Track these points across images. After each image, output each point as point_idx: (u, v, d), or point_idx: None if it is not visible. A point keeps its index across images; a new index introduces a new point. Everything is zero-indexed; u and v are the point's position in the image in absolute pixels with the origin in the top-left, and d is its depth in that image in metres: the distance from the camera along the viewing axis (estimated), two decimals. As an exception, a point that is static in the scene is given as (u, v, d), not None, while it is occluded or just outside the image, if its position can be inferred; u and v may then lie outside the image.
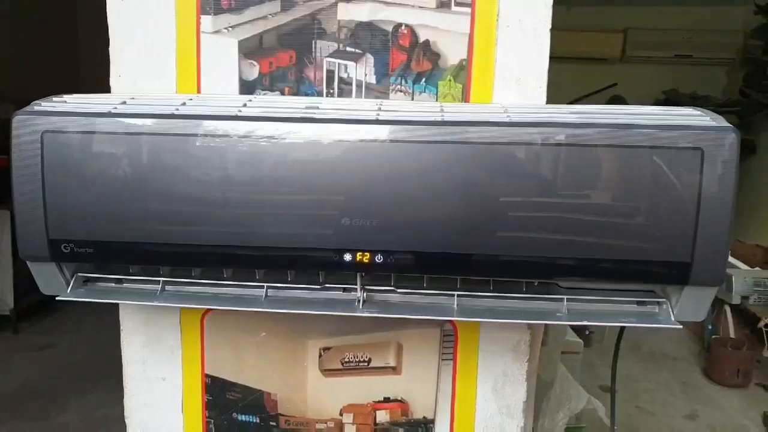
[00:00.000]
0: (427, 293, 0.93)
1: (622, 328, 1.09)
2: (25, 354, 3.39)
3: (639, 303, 0.92)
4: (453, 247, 0.86)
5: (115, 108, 0.87)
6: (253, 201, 0.88)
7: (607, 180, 0.83)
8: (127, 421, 1.15)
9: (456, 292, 0.92)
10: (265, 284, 0.95)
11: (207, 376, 1.12)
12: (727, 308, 3.68)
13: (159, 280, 0.96)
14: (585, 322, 0.87)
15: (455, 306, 0.91)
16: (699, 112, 0.85)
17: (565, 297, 0.90)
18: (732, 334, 3.66)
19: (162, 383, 1.13)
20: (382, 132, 0.84)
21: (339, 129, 0.84)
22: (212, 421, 1.13)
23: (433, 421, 1.11)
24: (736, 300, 3.62)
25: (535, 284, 0.91)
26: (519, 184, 0.85)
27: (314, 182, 0.86)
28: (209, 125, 0.85)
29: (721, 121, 0.82)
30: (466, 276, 0.90)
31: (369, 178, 0.85)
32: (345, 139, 0.84)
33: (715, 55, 4.99)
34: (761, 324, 3.49)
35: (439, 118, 0.85)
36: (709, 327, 3.74)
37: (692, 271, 0.81)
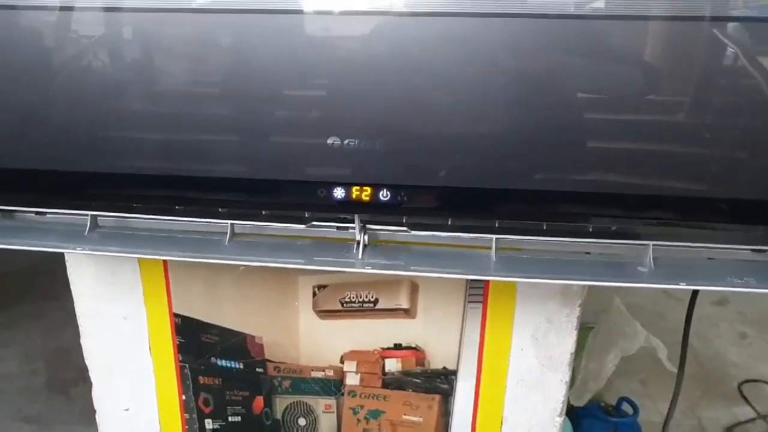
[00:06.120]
0: (452, 236, 0.66)
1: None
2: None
3: (755, 251, 0.65)
4: (492, 180, 0.57)
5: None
6: (204, 113, 0.59)
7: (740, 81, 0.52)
8: (87, 363, 0.96)
9: (494, 236, 0.65)
10: (229, 221, 0.68)
11: (176, 315, 0.91)
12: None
13: (87, 215, 0.70)
14: (679, 285, 0.61)
15: (493, 256, 0.64)
16: None
17: (651, 243, 0.63)
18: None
19: (123, 322, 0.93)
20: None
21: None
22: (187, 365, 0.94)
23: (455, 373, 0.90)
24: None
25: (613, 229, 0.64)
26: (601, 83, 0.54)
27: (289, 82, 0.56)
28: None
29: None
30: (512, 220, 0.63)
31: (371, 76, 0.55)
32: (335, 12, 0.52)
33: None
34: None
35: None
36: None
37: None
